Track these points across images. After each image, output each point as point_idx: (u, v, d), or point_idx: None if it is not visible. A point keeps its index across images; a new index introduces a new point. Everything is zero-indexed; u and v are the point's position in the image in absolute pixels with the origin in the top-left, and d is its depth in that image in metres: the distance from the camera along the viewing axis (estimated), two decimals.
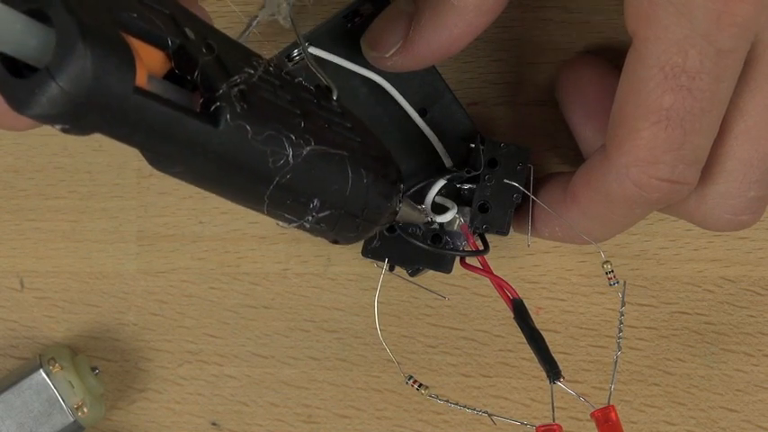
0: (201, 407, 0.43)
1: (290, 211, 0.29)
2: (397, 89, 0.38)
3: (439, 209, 0.38)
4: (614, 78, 0.34)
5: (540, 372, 0.42)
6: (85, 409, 0.40)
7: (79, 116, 0.23)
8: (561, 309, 0.42)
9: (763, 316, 0.42)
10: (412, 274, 0.39)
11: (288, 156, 0.28)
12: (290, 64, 0.38)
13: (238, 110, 0.26)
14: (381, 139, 0.33)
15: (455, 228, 0.38)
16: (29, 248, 0.43)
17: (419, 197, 0.38)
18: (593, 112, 0.38)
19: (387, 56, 0.36)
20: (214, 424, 0.43)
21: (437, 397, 0.39)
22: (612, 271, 0.38)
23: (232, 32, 0.43)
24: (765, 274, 0.42)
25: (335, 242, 0.32)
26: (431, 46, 0.35)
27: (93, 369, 0.42)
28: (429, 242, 0.38)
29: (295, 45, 0.38)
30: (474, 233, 0.38)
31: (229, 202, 0.43)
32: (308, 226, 0.30)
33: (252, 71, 0.27)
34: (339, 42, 0.38)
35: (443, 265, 0.38)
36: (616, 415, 0.37)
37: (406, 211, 0.35)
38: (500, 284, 0.38)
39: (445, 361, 0.42)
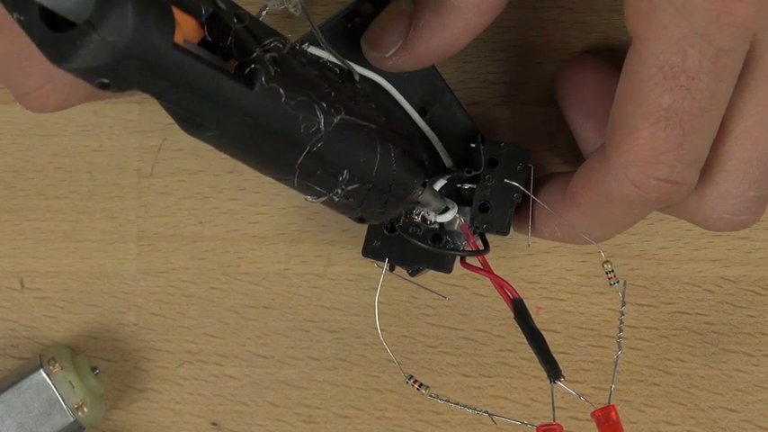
0: (201, 407, 0.43)
1: (320, 183, 0.30)
2: (397, 89, 0.38)
3: (440, 213, 0.38)
4: (614, 78, 0.34)
5: (540, 372, 0.42)
6: (85, 409, 0.40)
7: (120, 69, 0.23)
8: (561, 309, 0.42)
9: (763, 316, 0.42)
10: (412, 274, 0.39)
11: (320, 123, 0.28)
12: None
13: (272, 73, 0.27)
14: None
15: (455, 227, 0.38)
16: (29, 248, 0.43)
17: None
18: (592, 112, 0.38)
19: (387, 56, 0.36)
20: (214, 424, 0.43)
21: (438, 397, 0.39)
22: (613, 271, 0.38)
23: None
24: (765, 274, 0.42)
25: (361, 220, 0.33)
26: (430, 46, 0.35)
27: (93, 369, 0.42)
28: (429, 242, 0.38)
29: (305, 38, 0.38)
30: (474, 233, 0.38)
31: (230, 203, 0.43)
32: (336, 199, 0.30)
33: (281, 45, 0.28)
34: (339, 42, 0.38)
35: (444, 265, 0.38)
36: (616, 414, 0.37)
37: (427, 196, 0.35)
38: (500, 284, 0.38)
39: (445, 361, 0.42)
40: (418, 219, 0.38)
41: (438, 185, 0.38)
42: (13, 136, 0.43)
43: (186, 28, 0.25)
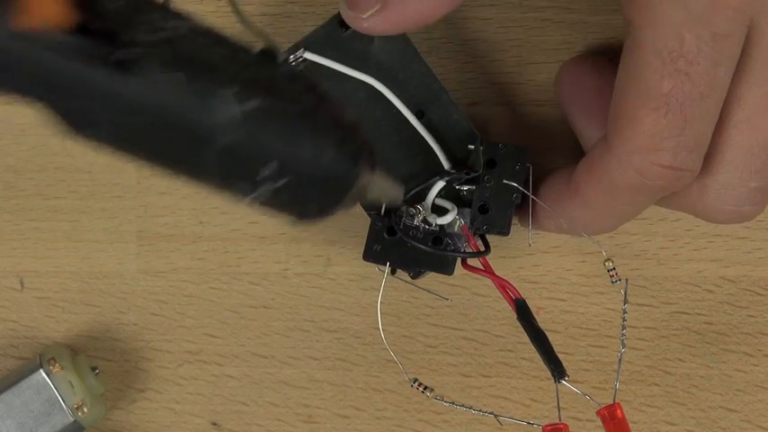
0: (201, 407, 0.43)
1: (242, 180, 0.26)
2: (393, 92, 0.38)
3: (439, 211, 0.38)
4: (614, 76, 0.34)
5: (540, 372, 0.42)
6: (85, 409, 0.40)
7: None
8: (561, 309, 0.42)
9: (763, 316, 0.42)
10: (414, 277, 0.39)
11: (229, 111, 0.25)
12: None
13: (161, 58, 0.24)
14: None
15: (455, 229, 0.38)
16: (29, 248, 0.43)
17: (418, 199, 0.38)
18: (594, 109, 0.38)
19: (363, 17, 0.35)
20: (214, 424, 0.43)
21: (442, 399, 0.39)
22: (614, 269, 0.38)
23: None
24: (765, 274, 0.42)
25: (301, 219, 0.30)
26: (407, 12, 0.35)
27: (93, 369, 0.42)
28: (430, 244, 0.38)
29: (301, 44, 0.38)
30: (475, 234, 0.38)
31: (229, 203, 0.43)
32: (263, 199, 0.27)
33: (178, 23, 0.25)
34: (335, 47, 0.38)
35: (445, 267, 0.38)
36: (622, 412, 0.37)
37: (379, 185, 0.32)
38: (502, 285, 0.38)
39: (445, 361, 0.42)
40: (418, 222, 0.38)
41: (437, 188, 0.38)
42: (13, 136, 0.43)
43: (44, 11, 0.22)
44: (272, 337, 0.43)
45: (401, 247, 0.38)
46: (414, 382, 0.38)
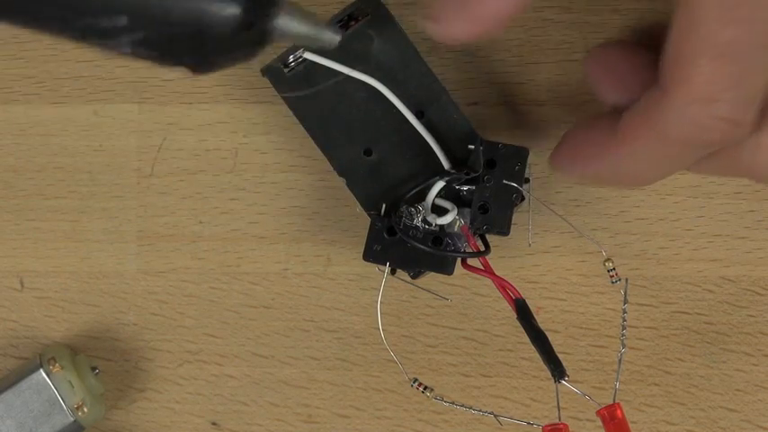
0: (201, 407, 0.43)
1: (98, 33, 0.25)
2: (393, 92, 0.38)
3: (439, 211, 0.38)
4: (643, 51, 0.33)
5: (540, 371, 0.42)
6: (85, 409, 0.40)
7: None
8: (561, 309, 0.42)
9: (763, 316, 0.42)
10: (414, 277, 0.39)
11: None
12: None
13: None
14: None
15: (455, 229, 0.38)
16: (29, 248, 0.43)
17: (418, 199, 0.38)
18: (627, 85, 0.36)
19: (445, 26, 0.34)
20: (214, 424, 0.43)
21: (442, 399, 0.39)
22: (614, 269, 0.38)
23: None
24: (765, 274, 0.42)
25: (194, 71, 0.28)
26: (486, 10, 0.34)
27: (93, 369, 0.42)
28: (430, 244, 0.38)
29: (293, 49, 0.38)
30: (474, 234, 0.38)
31: (230, 203, 0.43)
32: (128, 51, 0.26)
33: None
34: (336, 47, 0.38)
35: (445, 267, 0.38)
36: (622, 412, 0.37)
37: (288, 25, 0.30)
38: (502, 285, 0.38)
39: (445, 361, 0.42)
40: (418, 222, 0.38)
41: (437, 188, 0.38)
42: (12, 136, 0.43)
43: None
44: (272, 337, 0.43)
45: (401, 247, 0.38)
46: (414, 382, 0.38)
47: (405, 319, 0.42)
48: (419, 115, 0.39)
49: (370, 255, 0.38)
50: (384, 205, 0.38)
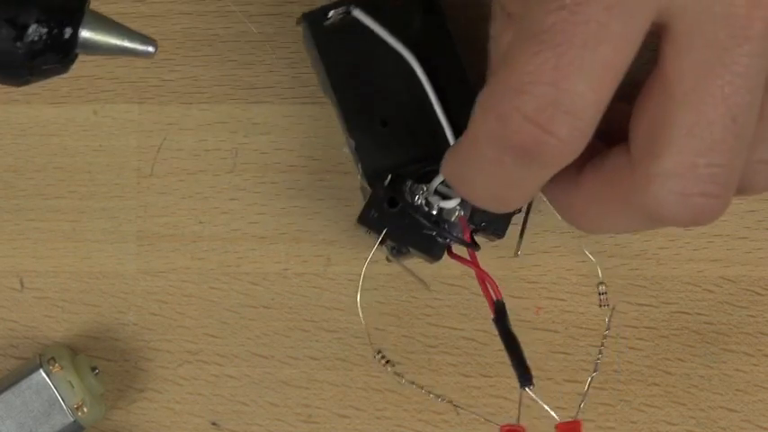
0: (201, 407, 0.43)
1: None
2: (424, 70, 0.38)
3: (442, 196, 0.38)
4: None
5: (539, 372, 0.42)
6: (85, 409, 0.40)
7: None
8: (561, 309, 0.42)
9: (763, 316, 0.42)
10: (396, 255, 0.38)
11: None
12: None
13: None
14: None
15: (453, 218, 0.38)
16: (29, 248, 0.43)
17: (424, 180, 0.38)
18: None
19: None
20: (214, 424, 0.43)
21: (402, 377, 0.38)
22: (606, 293, 0.38)
23: (231, 32, 0.43)
24: (765, 274, 0.42)
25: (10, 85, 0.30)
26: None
27: (93, 369, 0.42)
28: (430, 222, 0.37)
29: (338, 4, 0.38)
30: (470, 228, 0.38)
31: (230, 203, 0.43)
32: None
33: None
34: (380, 13, 0.37)
35: (434, 251, 0.38)
36: (581, 430, 0.36)
37: (92, 39, 0.30)
38: (484, 280, 0.37)
39: (445, 361, 0.42)
40: (420, 201, 0.37)
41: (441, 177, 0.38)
42: (13, 136, 0.43)
43: None
44: (272, 337, 0.43)
45: (398, 219, 0.37)
46: (377, 354, 0.38)
47: (405, 319, 0.42)
48: (442, 102, 0.38)
49: (366, 220, 0.37)
50: (389, 176, 0.38)
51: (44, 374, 0.40)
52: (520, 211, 0.38)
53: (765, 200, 0.42)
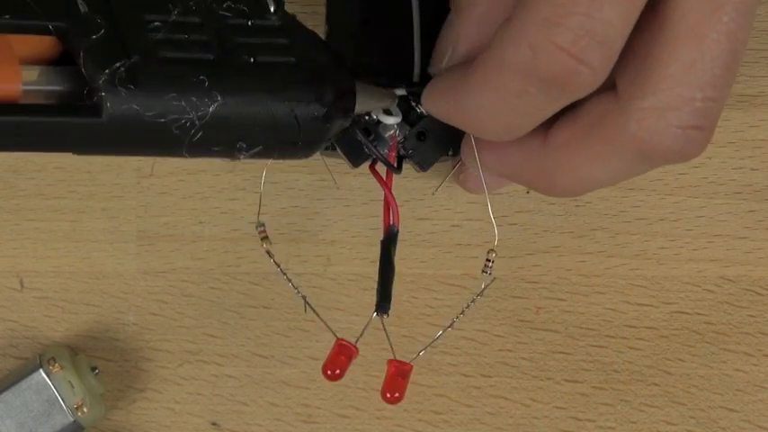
0: (201, 407, 0.43)
1: (220, 155, 0.29)
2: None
3: (387, 111, 0.37)
4: None
5: (540, 372, 0.42)
6: (85, 409, 0.40)
7: None
8: (561, 309, 0.42)
9: (763, 316, 0.42)
10: (323, 149, 0.37)
11: (192, 118, 0.27)
12: None
13: (123, 94, 0.25)
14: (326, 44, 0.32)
15: (386, 135, 0.37)
16: (29, 248, 0.43)
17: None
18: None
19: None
20: (214, 424, 0.43)
21: (273, 257, 0.38)
22: (493, 262, 0.37)
23: None
24: (765, 274, 0.42)
25: (294, 158, 0.32)
26: None
27: (93, 369, 0.42)
28: (359, 129, 0.37)
29: None
30: (398, 150, 0.37)
31: (230, 203, 0.43)
32: (243, 158, 0.29)
33: (159, 24, 0.26)
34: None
35: (356, 158, 0.37)
36: (404, 374, 0.36)
37: (365, 102, 0.33)
38: (389, 203, 0.37)
39: (445, 361, 0.42)
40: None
41: (397, 92, 0.37)
42: None
43: (35, 50, 0.24)
44: (272, 337, 0.43)
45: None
46: (259, 225, 0.38)
47: (405, 319, 0.42)
48: (425, 32, 0.37)
49: None
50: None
51: (44, 374, 0.40)
52: (448, 153, 0.37)
53: (765, 200, 0.42)
